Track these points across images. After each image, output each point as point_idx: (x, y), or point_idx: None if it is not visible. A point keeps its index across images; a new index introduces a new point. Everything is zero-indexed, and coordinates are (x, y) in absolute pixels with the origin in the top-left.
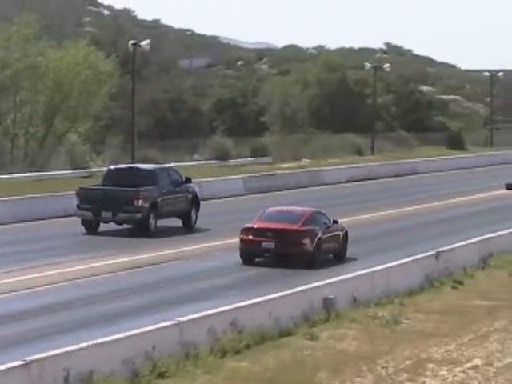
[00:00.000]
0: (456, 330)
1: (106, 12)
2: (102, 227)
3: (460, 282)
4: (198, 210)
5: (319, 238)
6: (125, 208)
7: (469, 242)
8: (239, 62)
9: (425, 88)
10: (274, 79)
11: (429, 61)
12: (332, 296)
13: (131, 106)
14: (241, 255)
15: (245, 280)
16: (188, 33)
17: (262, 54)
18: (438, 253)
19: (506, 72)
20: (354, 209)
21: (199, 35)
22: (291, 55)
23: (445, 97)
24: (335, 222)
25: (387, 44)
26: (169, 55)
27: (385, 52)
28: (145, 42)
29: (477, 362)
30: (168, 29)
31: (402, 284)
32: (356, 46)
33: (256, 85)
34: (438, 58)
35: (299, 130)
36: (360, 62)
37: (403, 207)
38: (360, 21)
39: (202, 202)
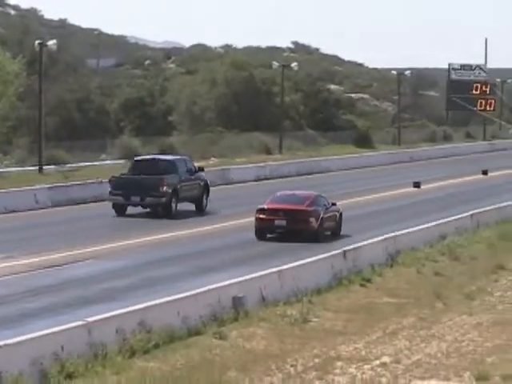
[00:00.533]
0: (364, 327)
1: (13, 12)
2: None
3: (368, 280)
4: (208, 195)
5: (322, 218)
6: (152, 193)
7: (376, 239)
8: (147, 62)
9: (332, 87)
10: (181, 78)
11: (336, 59)
12: (241, 295)
13: (38, 106)
14: (256, 232)
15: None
16: (95, 32)
17: (170, 53)
18: (345, 251)
19: (413, 70)
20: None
21: (107, 35)
22: (199, 54)
23: (353, 95)
24: (333, 204)
25: (295, 43)
26: (76, 55)
27: (292, 51)
28: (51, 42)
29: (385, 359)
30: (75, 28)
31: (310, 282)
32: (264, 44)
33: (164, 84)
34: (346, 56)
35: (207, 129)
36: (268, 60)
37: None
38: (267, 20)
39: (103, 203)
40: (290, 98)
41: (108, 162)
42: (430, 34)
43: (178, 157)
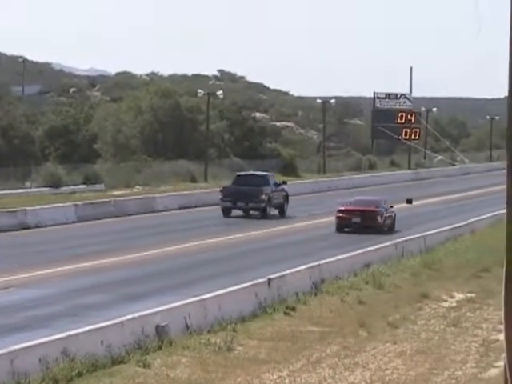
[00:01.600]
0: (289, 356)
1: None
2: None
3: (292, 309)
4: (288, 203)
5: (384, 216)
6: (254, 200)
7: (300, 268)
8: (72, 89)
9: (258, 115)
10: (106, 106)
11: (262, 88)
12: (164, 323)
13: None
14: (337, 226)
15: None
16: (20, 60)
17: (95, 80)
18: (269, 279)
19: (339, 99)
20: (186, 236)
21: (31, 62)
22: (124, 82)
23: (278, 123)
24: (391, 206)
25: (220, 71)
26: (1, 82)
27: (218, 79)
28: None
29: None
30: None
31: (234, 311)
32: (189, 72)
33: (89, 112)
34: (271, 85)
35: (132, 158)
36: (193, 88)
37: (240, 233)
38: (193, 47)
39: (27, 231)
40: (215, 126)
41: (33, 189)
42: (355, 63)
43: (268, 173)
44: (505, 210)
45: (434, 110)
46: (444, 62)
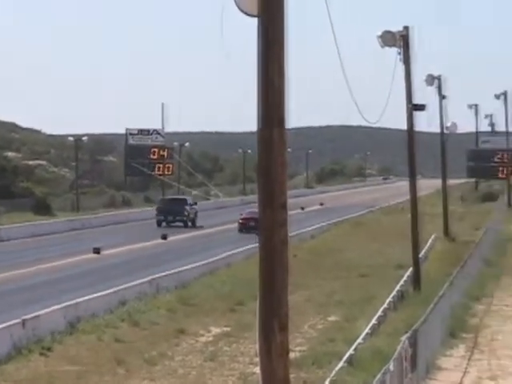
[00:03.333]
0: None
1: None
2: None
3: (48, 349)
4: (197, 217)
5: None
6: (179, 214)
7: (56, 307)
8: None
9: (10, 154)
10: None
11: (14, 126)
12: None
13: None
14: (239, 229)
15: None
16: None
17: None
18: (24, 320)
19: (91, 136)
20: None
21: None
22: None
23: (30, 162)
24: None
25: None
26: None
27: None
28: None
29: None
30: None
31: None
32: None
33: None
34: (23, 123)
35: None
36: None
37: None
38: None
39: None
40: None
41: None
42: (107, 100)
43: (186, 196)
44: (257, 244)
45: (187, 144)
46: (196, 97)
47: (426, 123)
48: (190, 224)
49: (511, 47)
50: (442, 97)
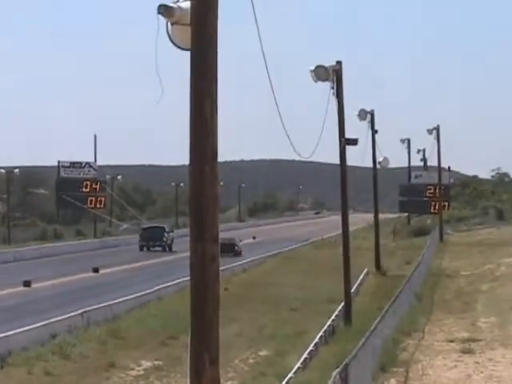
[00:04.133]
0: None
1: None
2: None
3: None
4: (173, 242)
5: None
6: (159, 240)
7: None
8: None
9: None
10: None
11: None
12: None
13: None
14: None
15: None
16: None
17: None
18: None
19: (22, 168)
20: None
21: None
22: None
23: None
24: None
25: None
26: None
27: None
28: None
29: None
30: None
31: None
32: None
33: None
34: None
35: None
36: None
37: None
38: None
39: None
40: None
41: None
42: (41, 132)
43: (164, 225)
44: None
45: (119, 177)
46: (129, 128)
47: (359, 158)
48: (167, 249)
49: (442, 83)
50: (375, 131)
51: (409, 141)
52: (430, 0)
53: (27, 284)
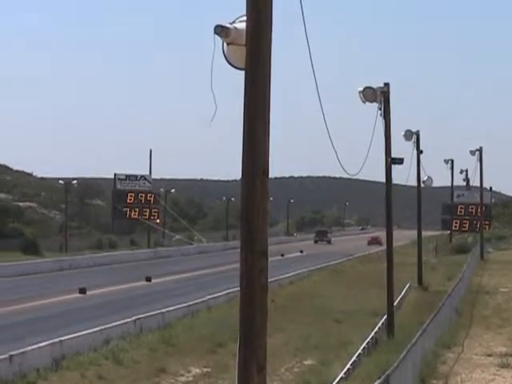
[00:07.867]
0: None
1: None
2: None
3: None
4: None
5: None
6: None
7: (42, 344)
8: None
9: (1, 195)
10: None
11: (5, 169)
12: None
13: None
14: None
15: None
16: None
17: None
18: (11, 356)
19: (80, 180)
20: None
21: None
22: None
23: (21, 204)
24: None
25: None
26: None
27: None
28: None
29: None
30: None
31: None
32: None
33: None
34: (15, 166)
35: None
36: None
37: None
38: None
39: None
40: None
41: None
42: (96, 145)
43: None
44: (237, 289)
45: (173, 191)
46: (182, 145)
47: (404, 177)
48: None
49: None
50: (420, 151)
51: (452, 161)
52: (477, 21)
53: (83, 291)
